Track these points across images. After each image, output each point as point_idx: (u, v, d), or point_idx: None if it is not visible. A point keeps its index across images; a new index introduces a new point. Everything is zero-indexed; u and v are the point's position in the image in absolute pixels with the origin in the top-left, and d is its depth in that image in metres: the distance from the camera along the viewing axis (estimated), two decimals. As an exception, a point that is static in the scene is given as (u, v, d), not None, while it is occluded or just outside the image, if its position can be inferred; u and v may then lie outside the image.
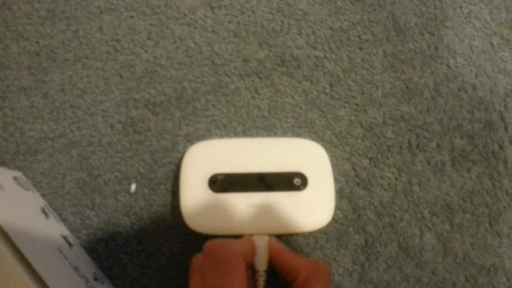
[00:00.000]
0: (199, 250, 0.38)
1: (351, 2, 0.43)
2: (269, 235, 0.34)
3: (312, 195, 0.36)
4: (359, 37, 0.42)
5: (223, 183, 0.35)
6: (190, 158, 0.37)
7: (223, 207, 0.35)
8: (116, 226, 0.38)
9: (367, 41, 0.42)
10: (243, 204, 0.35)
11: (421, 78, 0.42)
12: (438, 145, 0.41)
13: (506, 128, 0.41)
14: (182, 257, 0.38)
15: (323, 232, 0.38)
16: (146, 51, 0.41)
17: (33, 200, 0.36)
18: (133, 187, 0.38)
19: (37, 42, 0.41)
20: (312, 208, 0.36)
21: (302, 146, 0.38)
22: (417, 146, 0.41)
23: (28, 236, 0.29)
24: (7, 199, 0.30)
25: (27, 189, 0.36)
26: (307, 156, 0.37)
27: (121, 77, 0.40)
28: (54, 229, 0.34)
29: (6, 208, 0.29)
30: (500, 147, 0.41)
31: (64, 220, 0.38)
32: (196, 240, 0.38)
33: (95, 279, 0.34)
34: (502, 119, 0.42)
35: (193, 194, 0.35)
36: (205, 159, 0.36)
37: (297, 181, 0.36)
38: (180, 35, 0.41)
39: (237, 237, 0.33)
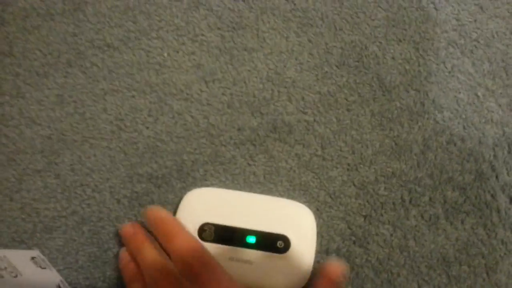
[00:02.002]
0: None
1: (337, 66, 0.45)
2: None
3: (292, 259, 0.38)
4: (346, 99, 0.44)
5: (212, 233, 0.38)
6: (186, 203, 0.40)
7: None
8: (126, 296, 0.40)
9: (354, 102, 0.44)
10: (226, 257, 0.37)
11: (409, 135, 0.43)
12: (430, 199, 0.42)
13: (497, 177, 0.42)
14: (189, 324, 0.39)
15: (322, 293, 0.40)
16: (147, 128, 0.44)
17: (50, 278, 0.38)
18: None
19: (49, 126, 0.44)
20: (288, 272, 0.37)
21: (292, 208, 0.40)
22: (410, 201, 0.42)
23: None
24: (25, 285, 0.33)
25: (44, 268, 0.39)
26: (295, 219, 0.39)
27: (125, 154, 0.43)
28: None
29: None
30: (493, 196, 0.42)
31: (78, 293, 0.40)
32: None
33: None
34: (493, 168, 0.42)
35: None
36: (199, 206, 0.39)
37: (280, 243, 0.38)
38: (178, 110, 0.44)
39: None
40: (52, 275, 0.39)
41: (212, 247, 0.37)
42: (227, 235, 0.38)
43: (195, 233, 0.38)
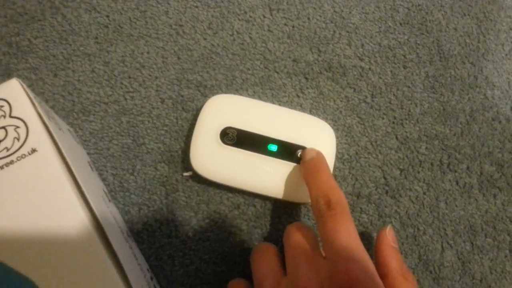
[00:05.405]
0: (226, 229, 0.38)
1: (400, 24, 0.44)
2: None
3: None
4: (404, 56, 0.43)
5: (234, 137, 0.36)
6: (209, 107, 0.37)
7: (228, 159, 0.36)
8: (151, 193, 0.38)
9: (411, 61, 0.43)
10: (246, 162, 0.36)
11: (458, 103, 0.43)
12: (468, 167, 0.41)
13: (535, 163, 0.42)
14: (208, 233, 0.38)
15: (348, 230, 0.38)
16: (205, 39, 0.43)
17: (82, 152, 0.36)
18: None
19: (107, 16, 0.42)
20: (303, 182, 0.35)
21: (314, 123, 0.38)
22: (448, 166, 0.41)
23: (83, 176, 0.29)
24: (67, 141, 0.31)
25: (78, 143, 0.37)
26: (315, 134, 0.37)
27: (178, 58, 0.42)
28: (98, 181, 0.35)
29: (66, 147, 0.29)
30: (528, 179, 0.41)
31: (103, 180, 0.38)
32: (225, 219, 0.38)
33: (128, 235, 0.34)
34: (532, 153, 0.42)
35: (204, 141, 0.36)
36: (222, 110, 0.37)
37: (299, 153, 0.36)
38: (238, 29, 0.43)
39: (236, 190, 0.37)
40: (83, 152, 0.37)
41: (232, 151, 0.36)
42: (249, 140, 0.36)
43: (216, 136, 0.36)
